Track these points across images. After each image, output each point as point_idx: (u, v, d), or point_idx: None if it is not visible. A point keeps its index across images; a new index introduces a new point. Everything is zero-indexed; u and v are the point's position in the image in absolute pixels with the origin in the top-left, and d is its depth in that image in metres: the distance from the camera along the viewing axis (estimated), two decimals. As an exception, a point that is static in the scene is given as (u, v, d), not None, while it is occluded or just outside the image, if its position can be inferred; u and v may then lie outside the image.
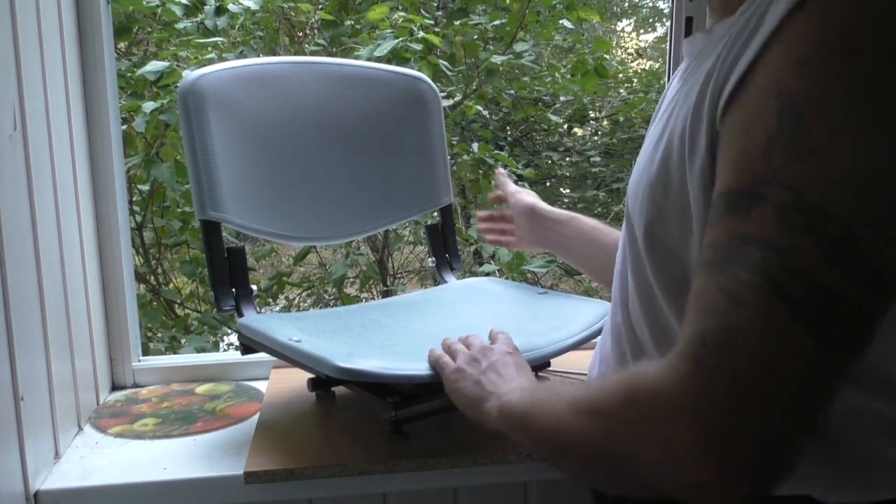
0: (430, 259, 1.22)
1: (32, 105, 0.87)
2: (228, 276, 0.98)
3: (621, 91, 4.71)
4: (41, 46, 0.91)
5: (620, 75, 4.84)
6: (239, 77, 1.01)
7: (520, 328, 0.98)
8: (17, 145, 0.83)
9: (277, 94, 1.05)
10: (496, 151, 2.96)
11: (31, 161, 0.85)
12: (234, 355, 1.20)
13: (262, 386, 1.14)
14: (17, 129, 0.83)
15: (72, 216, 1.01)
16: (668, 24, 1.68)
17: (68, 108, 1.00)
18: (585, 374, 1.13)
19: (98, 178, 1.10)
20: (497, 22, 2.72)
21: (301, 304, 3.44)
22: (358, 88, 1.12)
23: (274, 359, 1.11)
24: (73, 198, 1.01)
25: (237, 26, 2.44)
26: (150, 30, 2.43)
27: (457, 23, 2.62)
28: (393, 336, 0.97)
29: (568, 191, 4.76)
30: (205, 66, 0.99)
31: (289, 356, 0.89)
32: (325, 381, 1.03)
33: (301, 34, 2.67)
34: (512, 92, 3.43)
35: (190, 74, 0.98)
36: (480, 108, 3.10)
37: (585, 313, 1.01)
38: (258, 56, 2.41)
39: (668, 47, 1.25)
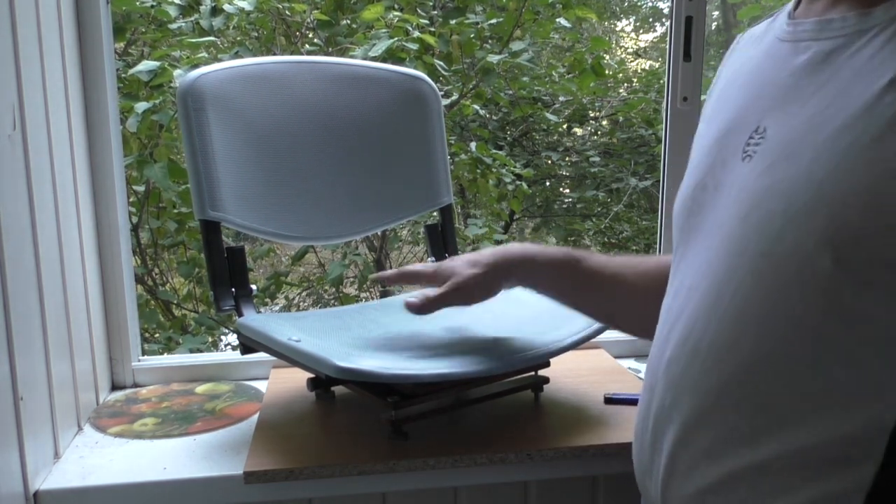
0: (429, 259, 1.22)
1: (32, 105, 0.87)
2: (228, 275, 0.98)
3: (621, 91, 4.71)
4: (41, 46, 0.91)
5: (620, 75, 4.84)
6: (238, 76, 1.01)
7: (519, 328, 0.99)
8: (16, 145, 0.82)
9: (277, 93, 1.05)
10: (494, 151, 2.96)
11: (30, 161, 0.85)
12: (234, 355, 1.20)
13: (261, 386, 1.14)
14: (17, 128, 0.83)
15: (71, 216, 1.01)
16: (667, 23, 1.68)
17: (68, 108, 1.00)
18: (585, 375, 1.13)
19: (97, 177, 1.10)
20: (494, 21, 2.72)
21: (300, 304, 3.44)
22: (358, 88, 1.12)
23: (274, 358, 1.11)
24: (72, 197, 1.01)
25: (231, 26, 2.43)
26: (144, 30, 2.42)
27: (453, 21, 2.61)
28: (393, 336, 0.97)
29: (567, 191, 4.77)
30: (198, 65, 0.99)
31: (288, 356, 0.89)
32: (324, 380, 1.03)
33: (298, 34, 2.67)
34: (510, 92, 3.43)
35: (189, 74, 0.97)
36: (478, 107, 3.10)
37: (585, 313, 1.00)
38: (254, 56, 2.40)
39: (667, 47, 1.25)
